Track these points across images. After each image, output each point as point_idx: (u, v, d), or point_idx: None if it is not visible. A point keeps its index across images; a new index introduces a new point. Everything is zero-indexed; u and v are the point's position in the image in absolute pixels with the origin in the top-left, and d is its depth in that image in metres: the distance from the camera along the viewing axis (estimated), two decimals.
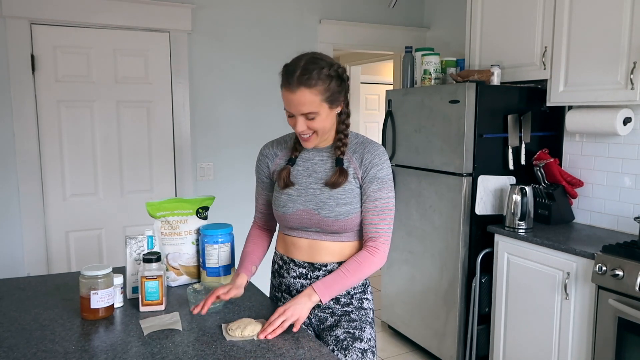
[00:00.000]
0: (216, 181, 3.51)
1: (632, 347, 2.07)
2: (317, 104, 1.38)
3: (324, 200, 1.48)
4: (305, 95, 1.36)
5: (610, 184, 2.67)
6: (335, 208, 1.46)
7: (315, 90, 1.37)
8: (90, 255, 3.19)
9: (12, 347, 1.28)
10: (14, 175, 2.95)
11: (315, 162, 1.53)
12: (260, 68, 3.55)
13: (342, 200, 1.46)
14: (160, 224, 1.73)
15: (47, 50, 2.96)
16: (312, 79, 1.36)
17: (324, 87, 1.37)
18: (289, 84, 1.37)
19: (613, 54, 2.33)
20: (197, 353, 1.25)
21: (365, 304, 1.57)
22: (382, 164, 1.47)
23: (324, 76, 1.37)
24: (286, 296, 1.60)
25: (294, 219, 1.52)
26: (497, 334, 2.72)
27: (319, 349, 1.29)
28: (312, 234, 1.53)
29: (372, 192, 1.46)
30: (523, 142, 2.81)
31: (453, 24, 3.80)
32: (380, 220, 1.46)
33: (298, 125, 1.42)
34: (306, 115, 1.40)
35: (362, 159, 1.48)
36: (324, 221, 1.48)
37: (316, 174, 1.52)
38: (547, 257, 2.42)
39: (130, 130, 3.22)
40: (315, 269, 1.53)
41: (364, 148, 1.49)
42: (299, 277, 1.55)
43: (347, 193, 1.47)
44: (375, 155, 1.48)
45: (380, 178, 1.46)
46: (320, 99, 1.38)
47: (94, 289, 1.43)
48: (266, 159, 1.65)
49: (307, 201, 1.50)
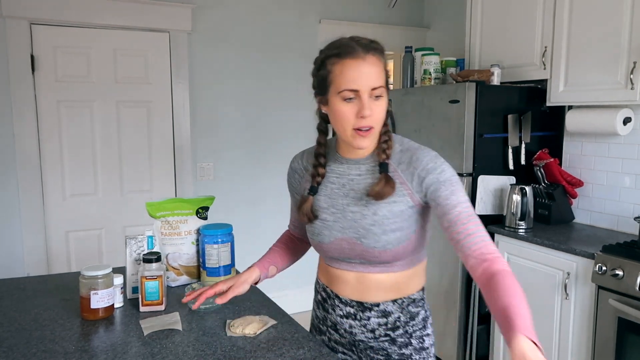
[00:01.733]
0: (216, 181, 3.51)
1: (632, 347, 2.07)
2: (383, 80, 1.16)
3: (367, 227, 1.21)
4: (377, 64, 1.14)
5: (610, 184, 2.67)
6: (381, 236, 1.19)
7: (382, 60, 1.17)
8: (90, 255, 3.19)
9: (12, 347, 1.27)
10: (14, 175, 2.95)
11: (353, 178, 1.25)
12: (260, 68, 3.55)
13: (389, 226, 1.19)
14: (160, 224, 1.73)
15: (47, 50, 2.96)
16: (380, 47, 1.17)
17: (385, 62, 1.18)
18: (355, 51, 1.13)
19: (613, 53, 2.33)
20: (197, 353, 1.25)
21: (426, 342, 1.33)
22: (440, 166, 1.18)
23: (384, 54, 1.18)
24: (332, 332, 1.38)
25: (333, 249, 1.27)
26: (497, 334, 2.72)
27: (319, 349, 1.28)
28: (357, 265, 1.27)
29: (446, 198, 1.15)
30: (523, 142, 2.81)
31: (453, 24, 3.80)
32: (476, 228, 1.13)
33: (365, 108, 1.13)
34: (375, 92, 1.14)
35: (411, 169, 1.19)
36: (369, 252, 1.22)
37: (354, 192, 1.24)
38: (547, 257, 2.42)
39: (130, 130, 3.22)
40: (366, 309, 1.29)
41: (410, 156, 1.21)
42: (346, 317, 1.32)
43: (396, 216, 1.20)
44: (429, 160, 1.19)
45: (447, 180, 1.17)
46: (384, 77, 1.17)
47: (94, 289, 1.43)
48: (295, 174, 1.39)
49: (347, 228, 1.24)
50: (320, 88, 1.21)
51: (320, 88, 1.21)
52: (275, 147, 3.68)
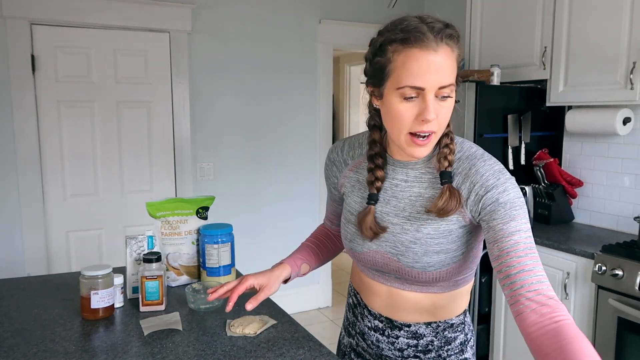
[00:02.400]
0: (216, 181, 3.51)
1: (632, 347, 2.07)
2: (454, 76, 0.96)
3: (407, 245, 1.04)
4: (450, 56, 0.94)
5: (610, 184, 2.67)
6: (422, 257, 1.03)
7: (456, 55, 0.96)
8: (90, 255, 3.20)
9: (13, 347, 1.28)
10: (15, 175, 2.95)
11: (397, 184, 1.08)
12: (260, 68, 3.55)
13: (433, 247, 1.02)
14: (160, 224, 1.73)
15: (47, 51, 2.96)
16: (456, 37, 0.96)
17: (458, 57, 0.97)
18: (426, 39, 0.92)
19: (613, 54, 2.33)
20: (198, 353, 1.25)
21: None
22: (503, 184, 0.97)
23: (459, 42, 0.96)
24: (359, 339, 1.25)
25: (366, 259, 1.12)
26: (497, 334, 2.72)
27: (319, 349, 1.29)
28: (392, 280, 1.12)
29: (504, 224, 0.95)
30: (523, 142, 2.81)
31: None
32: (535, 264, 0.93)
33: (429, 111, 0.93)
34: (443, 91, 0.94)
35: (469, 182, 1.00)
36: (406, 271, 1.06)
37: (396, 200, 1.07)
38: (547, 256, 2.42)
39: (130, 130, 3.22)
40: (395, 327, 1.15)
41: (470, 167, 1.01)
42: (374, 330, 1.19)
43: (443, 236, 1.02)
44: (491, 174, 0.98)
45: (510, 202, 0.96)
46: (456, 72, 0.97)
47: (94, 289, 1.43)
48: (333, 167, 1.21)
49: (384, 241, 1.08)
50: (374, 78, 1.00)
51: (375, 78, 0.99)
52: (275, 147, 3.68)
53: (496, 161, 1.03)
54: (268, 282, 1.21)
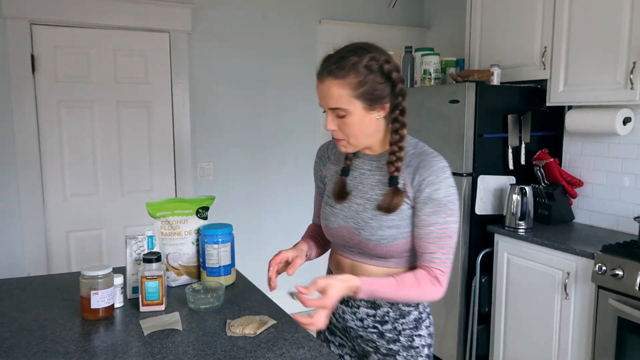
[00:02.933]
0: (216, 181, 3.51)
1: (632, 347, 2.07)
2: (347, 100, 1.18)
3: (366, 220, 1.28)
4: (333, 87, 1.18)
5: (610, 184, 2.67)
6: (377, 230, 1.26)
7: (345, 83, 1.17)
8: (90, 255, 3.20)
9: (13, 347, 1.28)
10: (14, 175, 2.95)
11: (364, 172, 1.33)
12: (260, 68, 3.55)
13: (387, 223, 1.26)
14: (160, 224, 1.73)
15: (47, 51, 2.96)
16: (341, 69, 1.17)
17: (358, 81, 1.17)
18: (318, 73, 1.22)
19: (613, 53, 2.33)
20: (197, 353, 1.25)
21: (416, 342, 1.35)
22: (439, 183, 1.22)
23: (361, 67, 1.17)
24: (330, 316, 1.45)
25: (335, 235, 1.36)
26: (497, 334, 2.72)
27: (319, 349, 1.29)
28: (354, 254, 1.35)
29: (427, 215, 1.22)
30: (523, 142, 2.81)
31: (453, 24, 3.80)
32: (438, 249, 1.22)
33: (327, 122, 1.23)
34: (335, 112, 1.21)
35: (416, 174, 1.24)
36: (365, 243, 1.29)
37: (362, 186, 1.32)
38: (547, 257, 2.42)
39: (130, 130, 3.22)
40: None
41: (420, 161, 1.25)
42: (340, 302, 1.39)
43: (395, 214, 1.25)
44: (432, 172, 1.23)
45: (437, 200, 1.21)
46: (351, 94, 1.18)
47: (94, 289, 1.43)
48: (320, 162, 1.48)
49: (349, 217, 1.32)
50: None
51: None
52: (275, 147, 3.68)
53: (441, 160, 1.26)
54: (298, 254, 1.40)
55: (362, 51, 1.20)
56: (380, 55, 1.22)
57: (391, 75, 1.21)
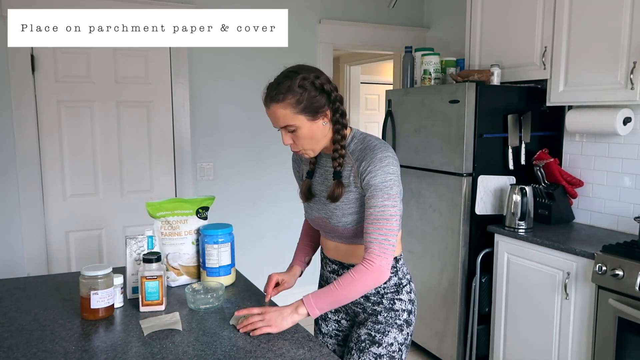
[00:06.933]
0: (216, 181, 3.51)
1: (632, 347, 2.07)
2: (292, 117, 1.38)
3: (332, 210, 1.49)
4: (277, 109, 1.38)
5: (610, 184, 2.67)
6: (342, 218, 1.47)
7: (285, 104, 1.37)
8: (90, 255, 3.20)
9: (12, 347, 1.28)
10: (14, 175, 2.95)
11: (327, 170, 1.53)
12: (260, 68, 3.55)
13: (347, 210, 1.46)
14: (160, 224, 1.73)
15: (47, 50, 2.96)
16: (280, 94, 1.37)
17: (296, 99, 1.37)
18: (263, 101, 1.43)
19: (613, 53, 2.33)
20: (197, 353, 1.25)
21: (397, 305, 1.53)
22: (376, 171, 1.39)
23: (296, 87, 1.36)
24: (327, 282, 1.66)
25: (315, 223, 1.58)
26: (497, 334, 2.72)
27: (319, 349, 1.29)
28: (334, 237, 1.56)
29: (367, 199, 1.41)
30: (523, 142, 2.81)
31: (453, 24, 3.80)
32: (374, 230, 1.38)
33: (283, 138, 1.44)
34: (286, 129, 1.41)
35: (360, 165, 1.42)
36: (336, 228, 1.50)
37: (327, 182, 1.52)
38: (547, 257, 2.42)
39: (130, 130, 3.22)
40: (345, 267, 1.57)
41: (364, 155, 1.43)
42: (332, 273, 1.61)
43: (352, 203, 1.46)
44: (370, 162, 1.40)
45: (374, 185, 1.39)
46: (294, 111, 1.38)
47: (94, 289, 1.43)
48: (295, 164, 1.70)
49: (320, 209, 1.53)
50: None
51: None
52: (274, 147, 3.68)
53: (382, 151, 1.41)
54: (287, 278, 1.70)
55: (293, 74, 1.38)
56: (309, 73, 1.39)
57: (324, 87, 1.40)
